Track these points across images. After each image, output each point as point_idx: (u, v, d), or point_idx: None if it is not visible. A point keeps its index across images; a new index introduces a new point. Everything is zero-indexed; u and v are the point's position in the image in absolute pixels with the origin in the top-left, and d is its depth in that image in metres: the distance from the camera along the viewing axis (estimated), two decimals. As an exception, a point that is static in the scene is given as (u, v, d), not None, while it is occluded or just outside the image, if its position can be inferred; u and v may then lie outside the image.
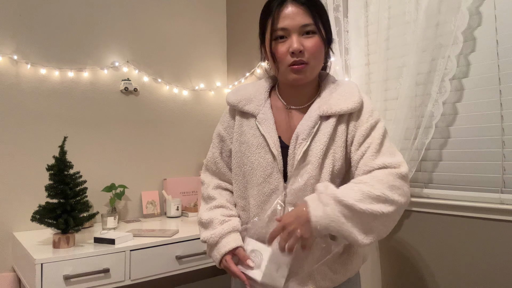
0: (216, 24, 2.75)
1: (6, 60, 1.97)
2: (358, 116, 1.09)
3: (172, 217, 2.29)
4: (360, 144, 1.07)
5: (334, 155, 1.08)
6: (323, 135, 1.07)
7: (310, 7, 1.06)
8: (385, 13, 1.65)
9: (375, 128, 1.08)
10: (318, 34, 1.07)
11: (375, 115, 1.10)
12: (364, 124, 1.08)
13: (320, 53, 1.09)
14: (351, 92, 1.10)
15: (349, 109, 1.07)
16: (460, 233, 1.49)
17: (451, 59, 1.47)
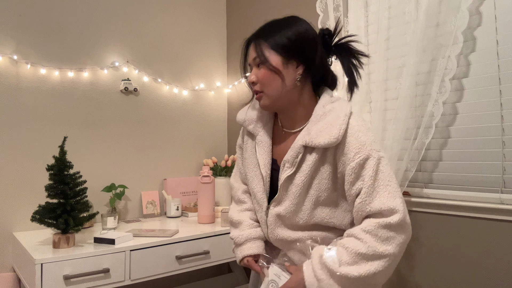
0: (216, 24, 2.75)
1: (6, 60, 1.97)
2: (344, 151, 1.04)
3: (172, 217, 2.29)
4: (351, 185, 1.03)
5: (319, 186, 1.08)
6: (306, 166, 1.08)
7: (256, 39, 1.11)
8: (385, 13, 1.65)
9: (364, 166, 1.01)
10: (265, 64, 1.09)
11: (365, 149, 1.02)
12: (350, 162, 1.02)
13: (270, 81, 1.09)
14: (334, 123, 1.05)
15: (326, 144, 1.04)
16: (460, 233, 1.49)
17: (451, 59, 1.47)
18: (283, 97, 1.11)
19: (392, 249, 0.96)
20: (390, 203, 0.98)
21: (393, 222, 0.96)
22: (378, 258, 0.96)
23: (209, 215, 2.11)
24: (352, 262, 0.97)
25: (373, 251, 0.96)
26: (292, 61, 1.09)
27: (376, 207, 0.99)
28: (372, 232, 0.97)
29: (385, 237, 0.96)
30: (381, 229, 0.97)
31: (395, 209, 0.97)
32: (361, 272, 0.96)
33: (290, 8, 2.22)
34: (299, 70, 1.10)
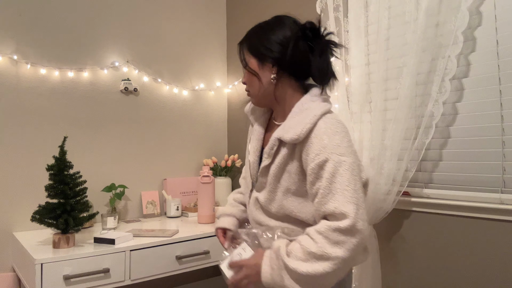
0: (216, 24, 2.75)
1: (6, 60, 1.97)
2: (307, 151, 1.08)
3: (172, 217, 2.29)
4: (312, 184, 1.07)
5: (288, 179, 1.14)
6: (279, 158, 1.14)
7: (241, 43, 1.23)
8: (385, 13, 1.65)
9: (323, 168, 1.04)
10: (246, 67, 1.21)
11: (325, 152, 1.04)
12: (311, 162, 1.06)
13: (250, 83, 1.21)
14: (302, 122, 1.10)
15: (290, 140, 1.10)
16: (460, 233, 1.49)
17: (451, 59, 1.47)
18: (264, 95, 1.21)
19: (341, 253, 0.98)
20: (342, 208, 1.00)
21: (342, 226, 0.98)
22: (326, 260, 0.99)
23: (209, 215, 2.11)
24: (303, 259, 1.01)
25: (322, 252, 0.99)
26: (267, 62, 1.17)
27: (329, 209, 1.02)
28: (323, 234, 1.00)
29: (335, 240, 0.99)
30: (331, 232, 0.99)
31: (346, 214, 0.99)
32: (309, 270, 0.99)
33: (290, 8, 2.22)
34: (273, 70, 1.17)
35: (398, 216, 1.68)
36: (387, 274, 1.72)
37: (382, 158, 1.60)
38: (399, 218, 1.68)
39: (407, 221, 1.66)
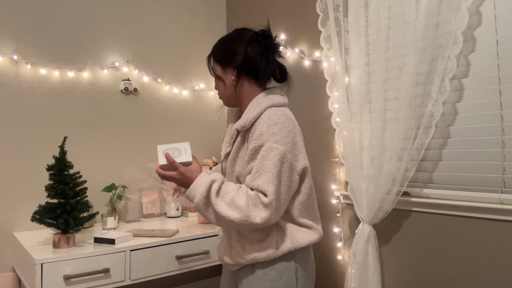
0: (216, 24, 2.75)
1: (6, 60, 1.97)
2: (251, 137, 1.29)
3: (172, 217, 2.29)
4: (248, 162, 1.28)
5: (242, 161, 1.33)
6: (236, 145, 1.36)
7: (209, 55, 1.43)
8: (385, 13, 1.65)
9: (258, 152, 1.25)
10: (213, 75, 1.41)
11: (262, 138, 1.24)
12: (250, 145, 1.27)
13: (218, 86, 1.43)
14: (251, 112, 1.31)
15: (239, 127, 1.32)
16: (460, 233, 1.49)
17: (451, 59, 1.47)
18: (228, 96, 1.41)
19: (257, 218, 1.19)
20: (264, 186, 1.21)
21: (263, 200, 1.20)
22: (240, 212, 1.19)
23: (209, 215, 2.11)
24: (227, 200, 1.22)
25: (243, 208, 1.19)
26: (228, 67, 1.37)
27: (255, 185, 1.22)
28: (250, 197, 1.21)
29: (254, 203, 1.20)
30: (256, 199, 1.20)
31: (266, 192, 1.20)
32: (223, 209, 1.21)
33: (290, 8, 2.22)
34: (234, 72, 1.37)
35: (398, 216, 1.68)
36: (387, 274, 1.72)
37: (382, 158, 1.61)
38: (399, 218, 1.68)
39: (407, 221, 1.66)
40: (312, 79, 2.10)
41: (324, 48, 1.95)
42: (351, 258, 1.72)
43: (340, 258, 1.93)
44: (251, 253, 1.31)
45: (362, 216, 1.70)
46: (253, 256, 1.30)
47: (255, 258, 1.30)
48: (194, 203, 1.25)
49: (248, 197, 1.21)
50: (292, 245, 1.30)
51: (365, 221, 1.68)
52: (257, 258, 1.30)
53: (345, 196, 1.92)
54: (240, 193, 1.23)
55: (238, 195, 1.23)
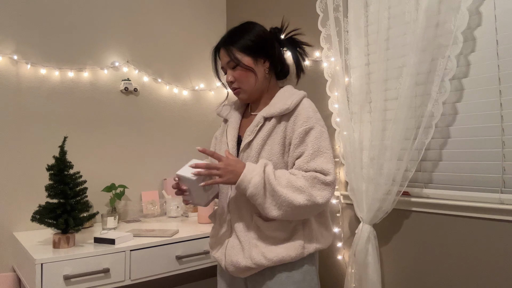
0: (216, 24, 2.75)
1: (6, 60, 1.97)
2: (295, 121, 1.26)
3: (172, 217, 2.29)
4: (296, 147, 1.24)
5: (271, 149, 1.27)
6: (263, 132, 1.29)
7: (226, 46, 1.33)
8: (385, 13, 1.65)
9: (309, 133, 1.23)
10: (240, 65, 1.31)
11: (311, 122, 1.24)
12: (298, 128, 1.24)
13: (246, 79, 1.32)
14: (289, 97, 1.29)
15: (280, 111, 1.26)
16: (460, 233, 1.49)
17: (451, 59, 1.47)
18: (258, 89, 1.35)
19: (316, 196, 1.17)
20: (326, 165, 1.20)
21: (328, 180, 1.19)
22: (301, 193, 1.16)
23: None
24: (283, 185, 1.17)
25: (301, 186, 1.16)
26: (260, 58, 1.33)
27: (315, 166, 1.20)
28: (309, 180, 1.18)
29: (318, 187, 1.18)
30: (317, 181, 1.18)
31: (329, 171, 1.20)
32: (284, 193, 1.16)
33: (290, 9, 2.22)
34: (266, 64, 1.34)
35: (398, 216, 1.68)
36: (387, 274, 1.72)
37: (382, 158, 1.60)
38: (399, 218, 1.68)
39: (407, 221, 1.66)
40: (312, 79, 2.10)
41: (324, 48, 1.95)
42: (351, 258, 1.72)
43: (340, 258, 1.93)
44: (277, 253, 1.21)
45: (362, 216, 1.70)
46: (280, 256, 1.21)
47: (283, 259, 1.21)
48: (250, 190, 1.17)
49: (305, 177, 1.17)
50: (318, 245, 1.27)
51: (365, 221, 1.68)
52: (284, 259, 1.21)
53: (345, 196, 1.92)
54: (294, 175, 1.19)
55: (294, 177, 1.18)
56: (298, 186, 1.16)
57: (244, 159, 1.30)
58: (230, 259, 1.28)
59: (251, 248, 1.24)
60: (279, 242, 1.23)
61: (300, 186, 1.16)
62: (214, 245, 1.39)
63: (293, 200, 1.15)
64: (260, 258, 1.22)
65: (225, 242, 1.32)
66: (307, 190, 1.16)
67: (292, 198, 1.15)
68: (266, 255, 1.21)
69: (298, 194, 1.16)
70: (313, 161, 1.20)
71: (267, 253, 1.22)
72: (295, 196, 1.15)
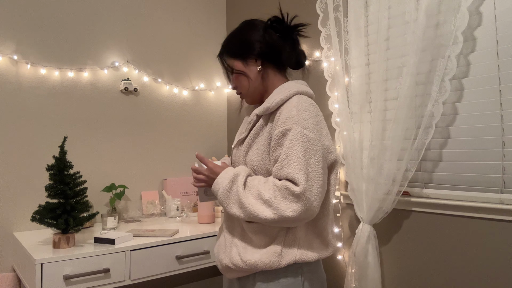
0: (216, 24, 2.75)
1: (6, 60, 1.97)
2: (277, 119, 1.18)
3: (172, 217, 2.29)
4: (273, 150, 1.17)
5: (257, 149, 1.22)
6: (253, 130, 1.25)
7: (220, 55, 1.33)
8: (385, 13, 1.65)
9: (285, 136, 1.13)
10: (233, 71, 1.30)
11: (290, 122, 1.13)
12: (276, 129, 1.16)
13: (241, 84, 1.30)
14: (277, 95, 1.21)
15: (263, 109, 1.22)
16: (460, 233, 1.49)
17: (451, 59, 1.47)
18: (254, 89, 1.30)
19: (287, 211, 1.07)
20: (294, 174, 1.09)
21: (294, 190, 1.07)
22: (269, 206, 1.09)
23: (209, 215, 2.11)
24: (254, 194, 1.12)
25: (272, 201, 1.09)
26: (249, 58, 1.27)
27: (284, 174, 1.10)
28: (279, 188, 1.09)
29: (286, 198, 1.08)
30: (285, 191, 1.08)
31: (297, 181, 1.08)
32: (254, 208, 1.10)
33: (290, 8, 2.22)
34: (258, 62, 1.27)
35: (398, 216, 1.68)
36: (387, 274, 1.72)
37: (382, 158, 1.60)
38: (399, 218, 1.68)
39: (407, 221, 1.66)
40: (312, 79, 2.10)
41: (324, 48, 1.95)
42: (351, 258, 1.72)
43: (340, 258, 1.93)
44: (252, 256, 1.15)
45: (362, 216, 1.70)
46: (254, 260, 1.14)
47: (255, 264, 1.14)
48: (219, 197, 1.18)
49: (275, 188, 1.09)
50: (300, 256, 1.16)
51: (365, 221, 1.68)
52: (257, 264, 1.14)
53: (345, 196, 1.92)
54: (267, 185, 1.12)
55: (265, 187, 1.11)
56: (265, 199, 1.09)
57: (235, 156, 1.31)
58: (218, 256, 1.28)
59: (232, 246, 1.21)
60: (257, 246, 1.17)
61: (267, 198, 1.09)
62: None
63: (259, 214, 1.09)
64: (237, 259, 1.17)
65: (220, 237, 1.34)
66: (274, 203, 1.08)
67: (258, 211, 1.09)
68: (241, 256, 1.17)
69: (265, 207, 1.09)
70: (285, 168, 1.10)
71: (243, 254, 1.17)
72: (262, 210, 1.09)
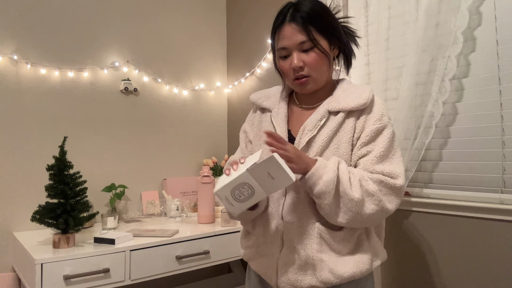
0: (216, 24, 2.75)
1: (6, 60, 1.97)
2: (366, 117, 1.12)
3: (172, 217, 2.29)
4: (363, 145, 1.10)
5: (337, 148, 1.11)
6: (328, 128, 1.12)
7: (304, 23, 1.10)
8: (385, 13, 1.65)
9: (381, 133, 1.10)
10: (317, 48, 1.11)
11: (384, 120, 1.11)
12: (370, 126, 1.10)
13: (320, 65, 1.13)
14: (362, 91, 1.14)
15: (355, 106, 1.11)
16: (460, 233, 1.49)
17: (451, 59, 1.47)
18: (325, 78, 1.17)
19: (388, 204, 1.05)
20: (397, 169, 1.08)
21: (398, 184, 1.06)
22: (372, 198, 1.04)
23: (209, 215, 2.11)
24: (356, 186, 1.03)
25: (375, 194, 1.04)
26: (333, 44, 1.16)
27: (380, 169, 1.07)
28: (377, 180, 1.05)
29: (387, 192, 1.06)
30: (386, 185, 1.05)
31: (400, 175, 1.07)
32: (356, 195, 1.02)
33: (290, 8, 2.22)
34: (335, 51, 1.18)
35: (398, 216, 1.68)
36: (387, 274, 1.72)
37: (382, 158, 1.60)
38: (399, 218, 1.68)
39: (407, 221, 1.66)
40: (312, 79, 2.10)
41: (324, 48, 1.95)
42: (351, 258, 1.71)
43: (340, 258, 1.93)
44: (346, 269, 1.06)
45: (362, 216, 1.70)
46: (352, 272, 1.06)
47: (354, 275, 1.06)
48: (319, 186, 1.01)
49: (373, 180, 1.04)
50: (382, 259, 1.13)
51: (365, 221, 1.68)
52: (355, 275, 1.06)
53: (345, 196, 1.92)
54: (364, 178, 1.05)
55: (364, 180, 1.04)
56: (370, 191, 1.03)
57: None
58: (286, 277, 1.09)
59: (316, 263, 1.07)
60: (346, 256, 1.07)
61: (372, 190, 1.03)
62: (256, 258, 1.19)
63: (364, 205, 1.03)
64: (328, 275, 1.05)
65: (275, 256, 1.13)
66: (378, 196, 1.04)
67: (362, 203, 1.02)
68: (334, 271, 1.05)
69: (369, 199, 1.03)
70: (381, 164, 1.07)
71: (335, 269, 1.05)
72: (366, 201, 1.03)
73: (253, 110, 1.34)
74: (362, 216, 1.03)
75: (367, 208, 1.03)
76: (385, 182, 1.05)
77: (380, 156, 1.08)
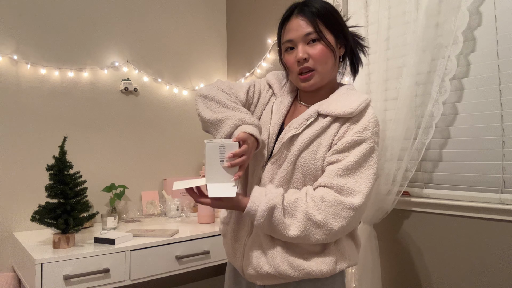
0: (216, 24, 2.75)
1: (6, 60, 1.97)
2: (350, 127, 1.09)
3: (172, 217, 2.29)
4: (336, 152, 1.07)
5: (315, 151, 1.09)
6: (312, 129, 1.11)
7: (312, 16, 1.11)
8: (385, 13, 1.65)
9: (358, 146, 1.06)
10: (323, 40, 1.10)
11: (366, 134, 1.06)
12: (349, 136, 1.07)
13: (326, 58, 1.12)
14: (355, 100, 1.10)
15: (341, 113, 1.09)
16: (460, 233, 1.49)
17: (451, 59, 1.47)
18: (329, 76, 1.16)
19: (337, 226, 1.01)
20: (356, 186, 1.03)
21: (352, 203, 1.02)
22: (321, 228, 1.02)
23: (209, 215, 2.11)
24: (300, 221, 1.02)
25: (324, 224, 1.01)
26: (339, 40, 1.15)
27: (341, 183, 1.03)
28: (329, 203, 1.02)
29: (338, 214, 1.01)
30: (340, 205, 1.01)
31: (357, 193, 1.02)
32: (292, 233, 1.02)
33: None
34: (341, 50, 1.17)
35: (398, 216, 1.68)
36: (387, 274, 1.72)
37: (382, 158, 1.60)
38: (399, 218, 1.68)
39: (407, 221, 1.66)
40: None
41: (324, 48, 1.95)
42: (351, 258, 1.71)
43: (340, 258, 1.93)
44: (307, 264, 1.06)
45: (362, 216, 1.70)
46: (310, 269, 1.06)
47: (312, 272, 1.06)
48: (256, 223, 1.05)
49: (329, 204, 1.01)
50: (350, 262, 1.11)
51: (365, 221, 1.68)
52: (314, 273, 1.06)
53: (345, 196, 1.92)
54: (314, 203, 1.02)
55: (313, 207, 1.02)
56: (318, 222, 1.01)
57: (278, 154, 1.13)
58: (250, 261, 1.11)
59: (275, 254, 1.08)
60: (309, 254, 1.08)
61: (320, 221, 1.01)
62: (227, 236, 1.23)
63: (309, 237, 1.02)
64: (286, 268, 1.06)
65: (243, 240, 1.16)
66: (327, 225, 1.01)
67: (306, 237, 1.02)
68: (293, 263, 1.06)
69: (317, 231, 1.02)
70: (345, 177, 1.03)
71: (294, 262, 1.06)
72: (311, 233, 1.02)
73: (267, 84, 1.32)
74: (311, 242, 1.03)
75: (313, 238, 1.02)
76: (340, 202, 1.01)
77: (347, 168, 1.04)
